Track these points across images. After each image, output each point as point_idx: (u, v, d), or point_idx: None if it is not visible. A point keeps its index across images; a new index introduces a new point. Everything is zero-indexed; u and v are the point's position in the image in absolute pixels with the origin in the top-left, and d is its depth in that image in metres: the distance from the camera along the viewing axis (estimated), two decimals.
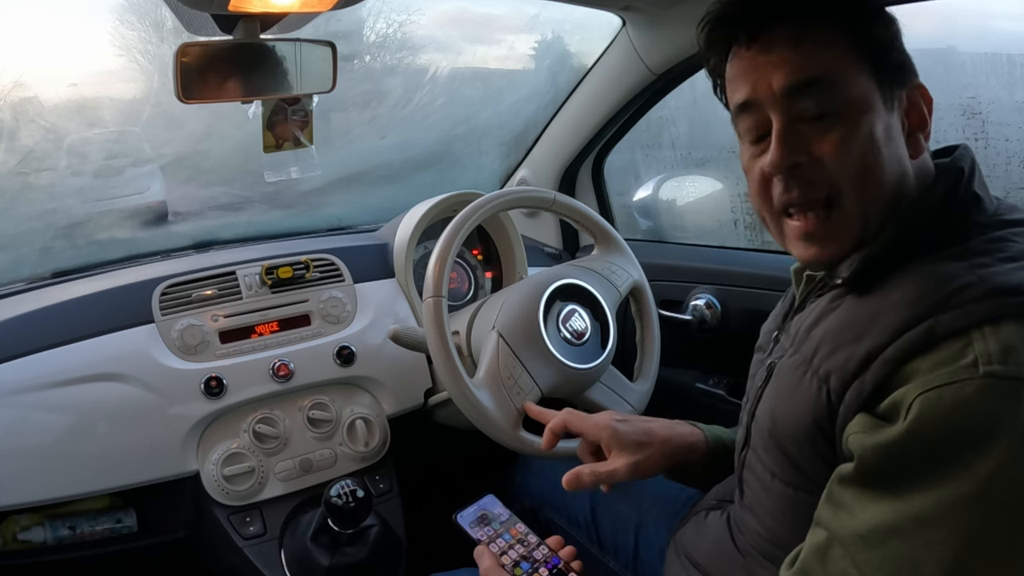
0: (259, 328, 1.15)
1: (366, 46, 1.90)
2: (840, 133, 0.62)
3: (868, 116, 0.62)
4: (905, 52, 0.66)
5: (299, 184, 1.61)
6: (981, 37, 1.20)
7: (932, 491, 0.50)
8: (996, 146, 1.18)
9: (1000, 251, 0.57)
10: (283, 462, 1.10)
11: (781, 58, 0.63)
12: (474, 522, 0.77)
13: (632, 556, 0.97)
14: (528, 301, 1.08)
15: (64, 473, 0.99)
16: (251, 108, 1.04)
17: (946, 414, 0.51)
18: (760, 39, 0.64)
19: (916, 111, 0.65)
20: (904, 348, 0.54)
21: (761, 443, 0.69)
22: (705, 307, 1.32)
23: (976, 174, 0.63)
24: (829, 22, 0.63)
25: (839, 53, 0.62)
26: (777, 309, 0.81)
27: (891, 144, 0.63)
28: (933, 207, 0.61)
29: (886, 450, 0.53)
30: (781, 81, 0.63)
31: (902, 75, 0.65)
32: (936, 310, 0.54)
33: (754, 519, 0.70)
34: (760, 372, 0.74)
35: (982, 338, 0.52)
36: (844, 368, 0.58)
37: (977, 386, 0.50)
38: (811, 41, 0.62)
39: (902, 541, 0.51)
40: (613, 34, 1.32)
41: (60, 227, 1.48)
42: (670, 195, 1.56)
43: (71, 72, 1.53)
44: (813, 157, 0.62)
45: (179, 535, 1.09)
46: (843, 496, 0.56)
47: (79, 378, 1.02)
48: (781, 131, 0.63)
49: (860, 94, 0.62)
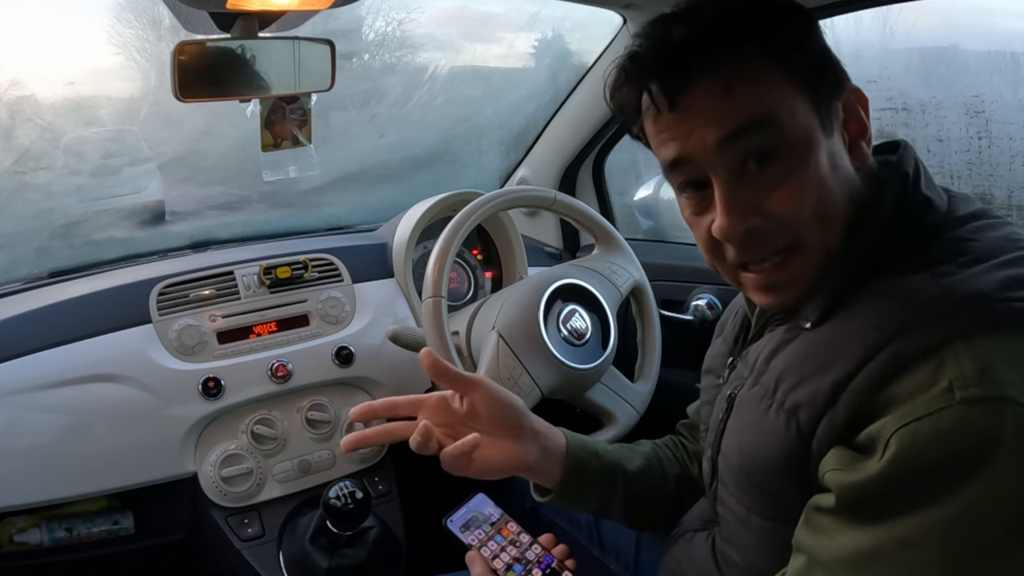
0: (257, 328, 1.15)
1: (365, 44, 1.89)
2: (791, 181, 0.56)
3: (813, 151, 0.56)
4: (832, 57, 0.59)
5: (297, 183, 1.60)
6: (985, 35, 1.20)
7: (915, 515, 0.49)
8: (1000, 145, 1.17)
9: (962, 254, 0.54)
10: (281, 463, 1.09)
11: (712, 113, 0.56)
12: (464, 525, 0.76)
13: (633, 558, 0.97)
14: (528, 301, 1.07)
15: (61, 474, 0.99)
16: (249, 107, 1.03)
17: (925, 447, 0.48)
18: (681, 101, 0.57)
19: (854, 119, 0.60)
20: (873, 376, 0.52)
21: (731, 478, 0.67)
22: (706, 307, 1.31)
23: (922, 175, 0.59)
24: (753, 57, 0.56)
25: (772, 89, 0.56)
26: (726, 330, 0.77)
27: (838, 170, 0.58)
28: (884, 221, 0.57)
29: (865, 487, 0.50)
30: (715, 135, 0.56)
31: (835, 87, 0.59)
32: (901, 331, 0.51)
33: (736, 554, 0.68)
34: (719, 402, 0.71)
35: (954, 357, 0.49)
36: (813, 402, 0.55)
37: (955, 415, 0.48)
38: (740, 81, 0.55)
39: (885, 564, 0.49)
40: (614, 32, 1.31)
41: (57, 226, 1.48)
42: (671, 194, 1.52)
43: (68, 70, 1.53)
44: (766, 214, 0.57)
45: (177, 537, 1.09)
46: (821, 521, 0.54)
47: (76, 379, 1.02)
48: (725, 196, 0.57)
49: (803, 128, 0.56)
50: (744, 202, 0.57)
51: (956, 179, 1.21)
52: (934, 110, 1.22)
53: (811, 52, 0.58)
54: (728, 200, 0.57)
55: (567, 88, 1.47)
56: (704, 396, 0.79)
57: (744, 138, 0.56)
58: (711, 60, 0.56)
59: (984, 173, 1.19)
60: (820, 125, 0.58)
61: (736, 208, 0.57)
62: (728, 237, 0.58)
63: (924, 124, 1.23)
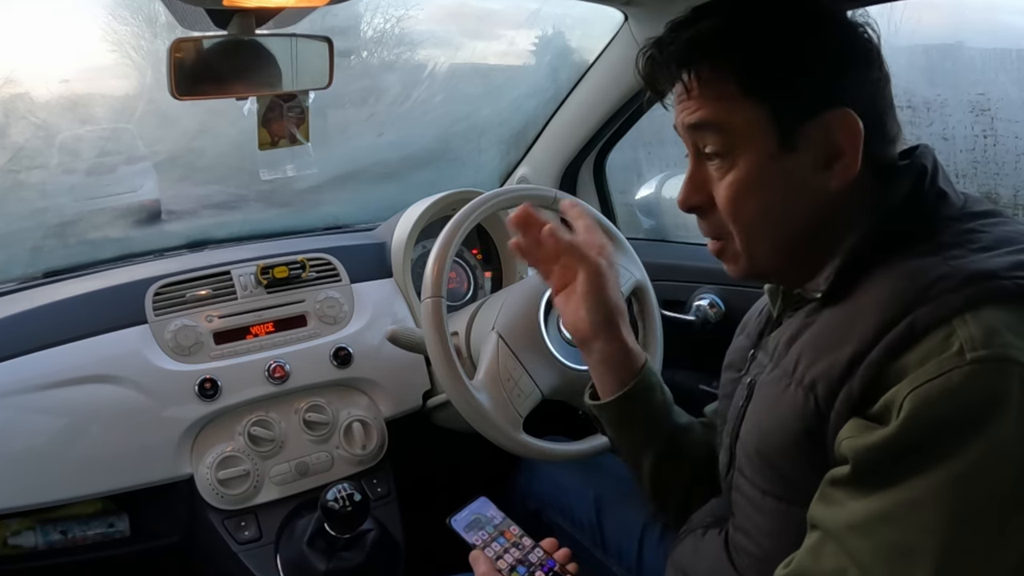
0: (254, 329, 1.15)
1: (363, 41, 1.88)
2: (731, 179, 0.64)
3: (758, 162, 0.62)
4: (818, 80, 0.61)
5: (295, 182, 1.60)
6: (991, 32, 1.19)
7: (924, 475, 0.50)
8: (1006, 144, 1.16)
9: (972, 242, 0.58)
10: (279, 465, 1.09)
11: (686, 101, 0.66)
12: (468, 526, 0.77)
13: (636, 561, 0.96)
14: (528, 301, 1.07)
15: (55, 476, 0.98)
16: (246, 105, 1.03)
17: (936, 406, 0.50)
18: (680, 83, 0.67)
19: (831, 141, 0.61)
20: (888, 347, 0.54)
21: (748, 462, 0.68)
22: (709, 307, 1.31)
23: (939, 171, 0.63)
24: (721, 67, 0.63)
25: (729, 100, 0.62)
26: (751, 328, 0.80)
27: (793, 187, 0.62)
28: (897, 207, 0.61)
29: (880, 449, 0.52)
30: (684, 121, 0.66)
31: (808, 109, 0.60)
32: (914, 305, 0.54)
33: (750, 542, 0.69)
34: (740, 391, 0.73)
35: (964, 325, 0.52)
36: (830, 375, 0.58)
37: (964, 374, 0.50)
38: (706, 86, 0.64)
39: (894, 527, 0.51)
40: (615, 29, 1.31)
41: (51, 226, 1.47)
42: (673, 193, 1.55)
43: (63, 68, 1.52)
44: (710, 198, 0.66)
45: (173, 540, 1.08)
46: (836, 494, 0.56)
47: (71, 380, 1.02)
48: (690, 169, 0.67)
49: (751, 140, 0.62)
50: (700, 180, 0.67)
51: (962, 178, 1.20)
52: (939, 108, 1.21)
53: (781, 75, 0.61)
54: (689, 175, 0.68)
55: (568, 86, 1.46)
56: (723, 391, 0.80)
57: (699, 132, 0.65)
58: (693, 59, 0.64)
59: (990, 172, 1.19)
60: (778, 142, 0.61)
61: (689, 183, 0.67)
62: (681, 207, 0.69)
63: (929, 122, 1.22)
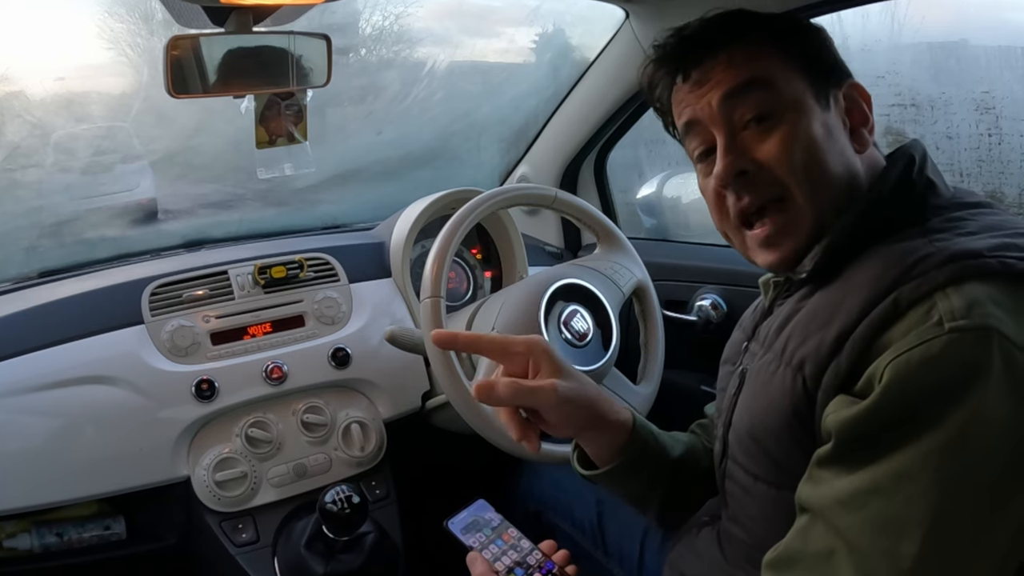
0: (252, 329, 1.14)
1: (362, 39, 1.88)
2: (781, 133, 0.65)
3: (805, 115, 0.65)
4: (836, 56, 0.70)
5: (293, 181, 1.60)
6: (995, 30, 1.19)
7: (909, 446, 0.51)
8: (1011, 142, 1.16)
9: (958, 228, 0.59)
10: (276, 467, 1.08)
11: (716, 80, 0.67)
12: (465, 528, 0.77)
13: (637, 563, 0.96)
14: (528, 301, 1.06)
15: (51, 478, 0.98)
16: (243, 103, 1.02)
17: (916, 374, 0.51)
18: (695, 72, 0.69)
19: (856, 108, 0.68)
20: (873, 324, 0.55)
21: (740, 447, 0.68)
22: (710, 307, 1.31)
23: (928, 161, 0.65)
24: (755, 38, 0.68)
25: (770, 60, 0.67)
26: (746, 322, 0.80)
27: (831, 140, 0.65)
28: (888, 192, 0.64)
29: (862, 420, 0.53)
30: (718, 94, 0.67)
31: (835, 77, 0.68)
32: (899, 282, 0.56)
33: (741, 530, 0.69)
34: (732, 381, 0.74)
35: (945, 298, 0.53)
36: (817, 353, 0.59)
37: (943, 342, 0.51)
38: (742, 54, 0.67)
39: (883, 499, 0.51)
40: (616, 27, 1.31)
41: (47, 225, 1.47)
42: (675, 192, 1.55)
43: (58, 66, 1.52)
44: (758, 162, 0.65)
45: (169, 542, 1.08)
46: (822, 473, 0.56)
47: (66, 381, 1.01)
48: (724, 143, 0.67)
49: (794, 95, 0.66)
50: (739, 149, 0.66)
51: (966, 176, 1.20)
52: (943, 106, 1.21)
53: (809, 43, 0.68)
54: (727, 147, 0.67)
55: (568, 84, 1.46)
56: (719, 385, 0.80)
57: (743, 95, 0.66)
58: (720, 42, 0.68)
59: (994, 170, 1.18)
60: (815, 99, 0.66)
61: (731, 152, 0.66)
62: (724, 177, 0.66)
63: (933, 120, 1.22)
